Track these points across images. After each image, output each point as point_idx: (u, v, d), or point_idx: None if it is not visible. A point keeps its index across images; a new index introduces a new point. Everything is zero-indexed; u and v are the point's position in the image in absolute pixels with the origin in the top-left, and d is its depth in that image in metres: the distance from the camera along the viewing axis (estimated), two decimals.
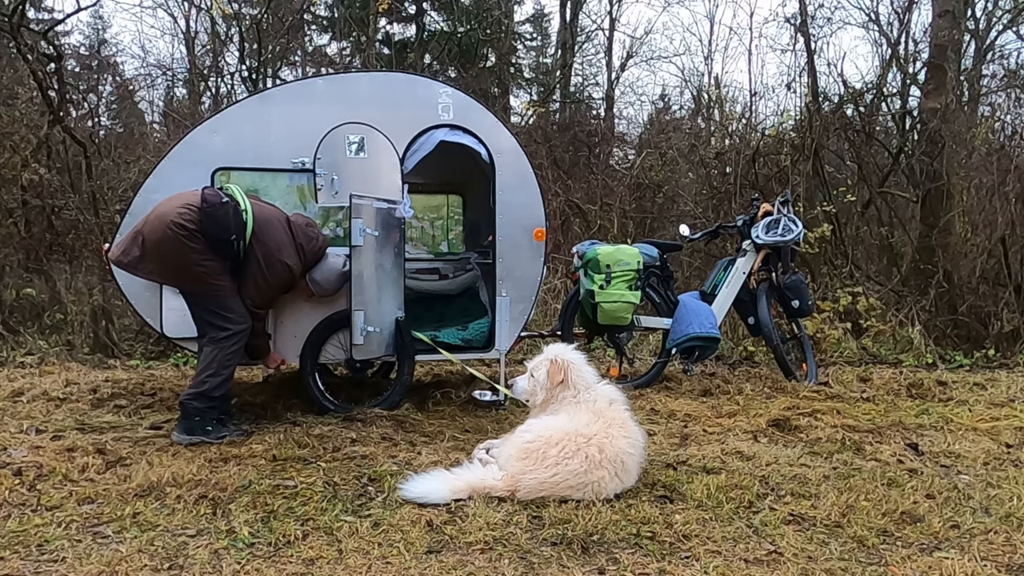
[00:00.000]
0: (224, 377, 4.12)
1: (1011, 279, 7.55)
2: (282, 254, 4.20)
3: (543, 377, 3.59)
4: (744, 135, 10.10)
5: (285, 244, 4.24)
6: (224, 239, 4.03)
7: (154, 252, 4.00)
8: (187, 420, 4.05)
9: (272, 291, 4.30)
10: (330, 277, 4.49)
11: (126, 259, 4.07)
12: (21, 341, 6.69)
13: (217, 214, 4.02)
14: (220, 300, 4.11)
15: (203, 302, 4.14)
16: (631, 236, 8.84)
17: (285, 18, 12.18)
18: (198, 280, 4.07)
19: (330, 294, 4.58)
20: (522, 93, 17.10)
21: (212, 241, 4.02)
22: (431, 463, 3.66)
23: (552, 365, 3.57)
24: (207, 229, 4.00)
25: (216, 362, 4.09)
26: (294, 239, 4.30)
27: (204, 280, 4.07)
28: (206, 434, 4.03)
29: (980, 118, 9.99)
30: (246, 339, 4.22)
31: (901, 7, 11.02)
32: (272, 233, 4.21)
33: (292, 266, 4.27)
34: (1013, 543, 2.88)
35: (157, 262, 4.04)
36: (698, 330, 5.71)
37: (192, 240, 3.97)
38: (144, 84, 13.99)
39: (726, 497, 3.28)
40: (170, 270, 4.09)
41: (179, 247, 3.96)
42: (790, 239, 5.89)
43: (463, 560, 2.67)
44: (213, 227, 4.00)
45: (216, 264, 4.06)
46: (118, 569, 2.55)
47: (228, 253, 4.08)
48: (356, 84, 5.09)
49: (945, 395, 5.55)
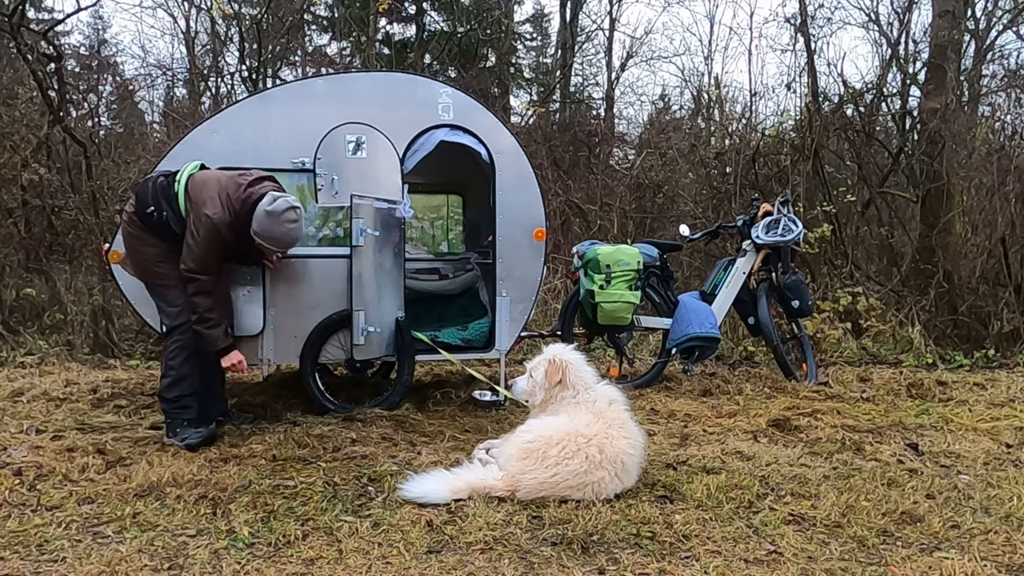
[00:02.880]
0: (172, 379, 4.03)
1: (1011, 279, 7.54)
2: (205, 207, 3.92)
3: (541, 377, 3.59)
4: (744, 135, 10.10)
5: (210, 198, 3.96)
6: (144, 212, 4.04)
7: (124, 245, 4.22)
8: (166, 421, 4.11)
9: (203, 251, 3.92)
10: (267, 224, 3.98)
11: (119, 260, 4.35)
12: (21, 341, 6.69)
13: (139, 190, 4.16)
14: (161, 291, 4.13)
15: (151, 293, 4.21)
16: (631, 236, 8.84)
17: (285, 18, 12.18)
18: (142, 268, 4.15)
19: (285, 249, 4.26)
20: (522, 93, 17.11)
21: (140, 217, 4.06)
22: (431, 463, 3.66)
23: (550, 365, 3.57)
24: (137, 208, 4.08)
25: (163, 362, 4.15)
26: (218, 192, 3.99)
27: (147, 268, 4.13)
28: (175, 435, 3.98)
29: (980, 118, 9.98)
30: (188, 335, 4.03)
31: (901, 7, 11.02)
32: (201, 192, 3.99)
33: (212, 215, 3.89)
34: (1013, 543, 2.88)
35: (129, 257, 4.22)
36: (698, 330, 5.71)
37: (131, 224, 4.10)
38: (144, 84, 14.00)
39: (726, 497, 3.28)
40: (130, 261, 4.22)
41: (126, 234, 4.15)
42: (790, 239, 5.89)
43: (463, 560, 2.67)
44: (137, 204, 4.09)
45: (156, 250, 4.08)
46: (118, 569, 2.55)
47: (158, 229, 4.03)
48: (356, 84, 5.09)
49: (945, 395, 5.55)
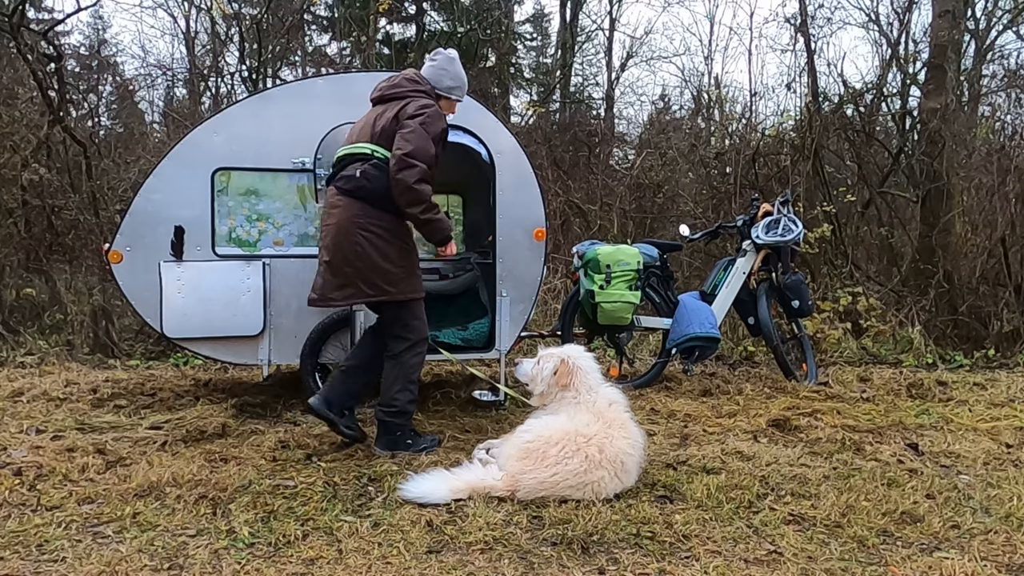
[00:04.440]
0: (412, 395, 3.90)
1: (1011, 279, 7.54)
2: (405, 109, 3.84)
3: (548, 372, 3.58)
4: (744, 135, 10.11)
5: (395, 115, 3.86)
6: (386, 188, 3.71)
7: (349, 271, 3.75)
8: (388, 435, 3.86)
9: (421, 137, 3.77)
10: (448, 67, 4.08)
11: (316, 293, 3.88)
12: (21, 341, 6.69)
13: (369, 182, 3.75)
14: (407, 306, 3.85)
15: (390, 316, 3.86)
16: (631, 236, 8.83)
17: (285, 18, 12.17)
18: (391, 281, 3.76)
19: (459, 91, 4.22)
20: (522, 93, 17.11)
21: (387, 204, 3.72)
22: (431, 463, 3.65)
23: (562, 365, 3.56)
24: (380, 203, 3.73)
25: (401, 377, 3.84)
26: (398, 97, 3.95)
27: (392, 277, 3.76)
28: (407, 447, 3.85)
29: (980, 118, 10.00)
30: (424, 351, 3.94)
31: (901, 7, 11.03)
32: (394, 125, 3.84)
33: (421, 102, 3.88)
34: (1013, 543, 2.88)
35: (357, 281, 3.75)
36: (698, 330, 5.71)
37: (378, 237, 3.73)
38: (144, 84, 14.02)
39: (726, 497, 3.28)
40: (368, 283, 3.76)
41: (372, 249, 3.73)
42: (790, 239, 5.89)
43: (463, 560, 2.67)
44: (382, 193, 3.72)
45: (395, 245, 3.78)
46: (118, 569, 2.55)
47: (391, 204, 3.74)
48: (356, 84, 5.09)
49: (945, 395, 5.55)
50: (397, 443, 3.86)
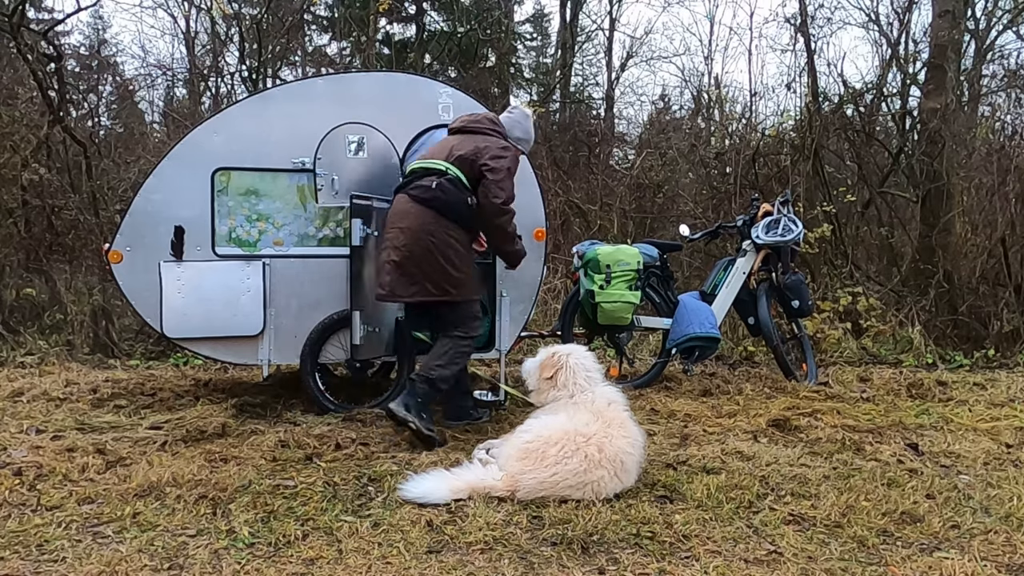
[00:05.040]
0: (452, 369, 4.17)
1: (1011, 279, 7.54)
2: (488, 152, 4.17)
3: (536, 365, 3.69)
4: (744, 135, 10.10)
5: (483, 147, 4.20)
6: (464, 205, 4.08)
7: (417, 271, 4.06)
8: (411, 397, 4.02)
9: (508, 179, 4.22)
10: (525, 125, 4.56)
11: (385, 290, 4.15)
12: (21, 341, 6.69)
13: (445, 194, 4.05)
14: (470, 307, 4.23)
15: (453, 310, 4.19)
16: (631, 236, 8.83)
17: (285, 18, 12.17)
18: (457, 286, 4.11)
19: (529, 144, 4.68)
20: (522, 93, 17.10)
21: (459, 219, 4.08)
22: (431, 463, 3.66)
23: (547, 359, 3.59)
24: (452, 216, 4.06)
25: (449, 353, 4.15)
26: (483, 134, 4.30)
27: (462, 286, 4.13)
28: (418, 417, 3.96)
29: (980, 118, 9.99)
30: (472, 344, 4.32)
31: (901, 7, 11.02)
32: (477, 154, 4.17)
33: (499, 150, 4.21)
34: (1013, 543, 2.88)
35: (422, 280, 4.07)
36: (698, 330, 5.71)
37: (447, 245, 4.05)
38: (144, 84, 14.00)
39: (726, 497, 3.28)
40: (434, 283, 4.08)
41: (442, 253, 4.05)
42: (790, 239, 5.89)
43: (463, 560, 2.67)
44: (456, 206, 4.06)
45: (462, 252, 4.12)
46: (118, 569, 2.55)
47: (467, 219, 4.12)
48: (356, 84, 5.10)
49: (945, 395, 5.55)
50: (410, 407, 3.97)
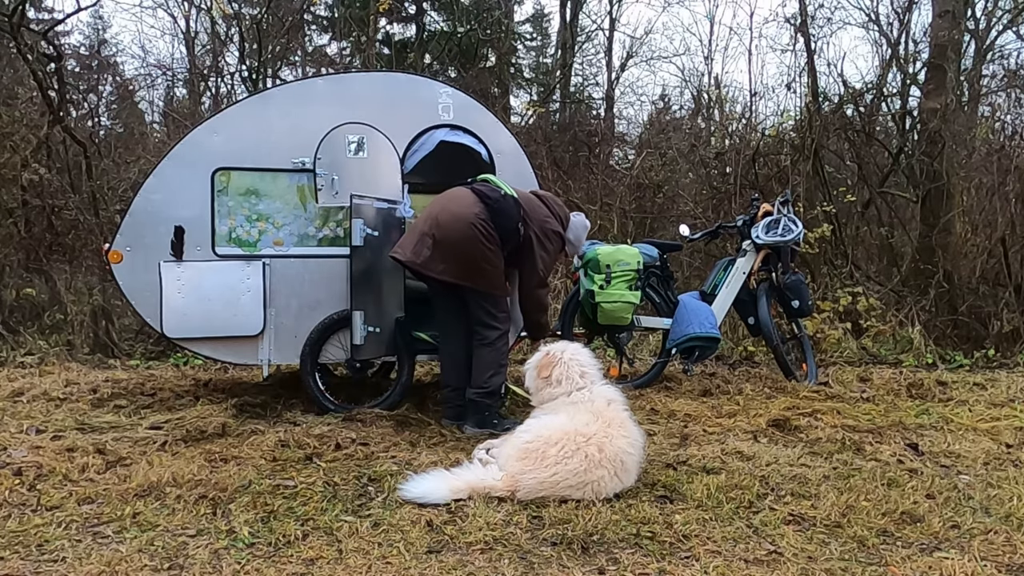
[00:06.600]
0: (501, 374, 4.42)
1: (1011, 279, 7.54)
2: (550, 224, 4.48)
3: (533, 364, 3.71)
4: (744, 135, 10.09)
5: (548, 216, 4.50)
6: (513, 228, 4.30)
7: (451, 252, 4.23)
8: (478, 415, 4.34)
9: (553, 261, 4.62)
10: (580, 235, 4.82)
11: (418, 259, 4.29)
12: (21, 341, 6.69)
13: (505, 206, 4.30)
14: (494, 301, 4.39)
15: (480, 300, 4.36)
16: (631, 236, 8.83)
17: (285, 18, 12.16)
18: (486, 278, 4.30)
19: (578, 252, 5.16)
20: (522, 93, 17.10)
21: (504, 233, 4.28)
22: (431, 463, 3.66)
23: (545, 357, 3.59)
24: (501, 222, 4.26)
25: (495, 362, 4.38)
26: (550, 209, 4.55)
27: (492, 280, 4.33)
28: (494, 426, 4.27)
29: (980, 118, 9.98)
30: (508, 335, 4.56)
31: (901, 7, 11.01)
32: (536, 210, 4.47)
33: (561, 233, 4.55)
34: (1013, 543, 2.88)
35: (453, 261, 4.25)
36: (698, 330, 5.71)
37: (488, 240, 4.23)
38: (144, 84, 14.00)
39: (726, 497, 3.28)
40: (464, 268, 4.27)
41: (477, 244, 4.21)
42: (790, 239, 5.89)
43: (463, 560, 2.67)
44: (506, 219, 4.28)
45: (501, 262, 4.33)
46: (118, 569, 2.55)
47: (514, 241, 4.34)
48: (356, 84, 5.10)
49: (945, 395, 5.55)
50: (485, 422, 4.32)
